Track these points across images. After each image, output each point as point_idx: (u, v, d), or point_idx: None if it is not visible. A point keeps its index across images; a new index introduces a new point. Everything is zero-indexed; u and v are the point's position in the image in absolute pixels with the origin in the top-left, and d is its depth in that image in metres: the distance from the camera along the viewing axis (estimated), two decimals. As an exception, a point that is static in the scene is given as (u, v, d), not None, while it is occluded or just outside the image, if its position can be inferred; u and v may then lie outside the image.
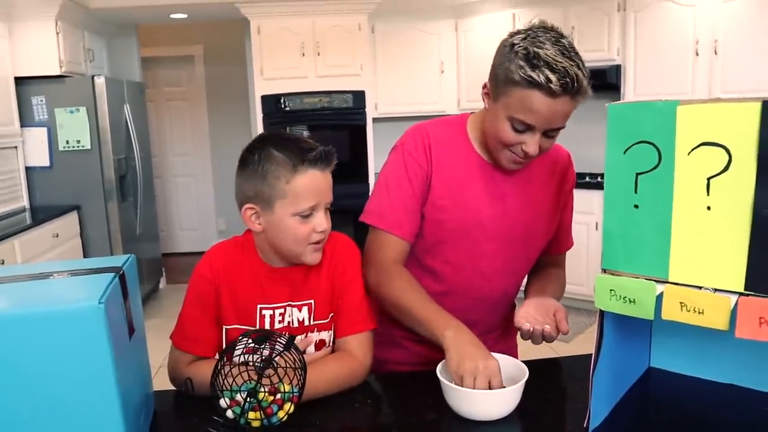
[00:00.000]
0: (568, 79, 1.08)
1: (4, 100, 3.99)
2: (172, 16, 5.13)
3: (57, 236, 3.93)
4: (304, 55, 4.72)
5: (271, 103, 4.79)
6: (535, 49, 1.09)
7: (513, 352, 1.44)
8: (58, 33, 4.19)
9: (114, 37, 5.29)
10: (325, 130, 4.75)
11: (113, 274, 0.94)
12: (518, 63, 1.10)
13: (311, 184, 1.11)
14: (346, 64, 4.75)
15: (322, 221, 1.13)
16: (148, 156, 5.09)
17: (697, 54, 3.78)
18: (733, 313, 0.79)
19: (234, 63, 6.02)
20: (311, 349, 1.21)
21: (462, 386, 1.03)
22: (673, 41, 3.88)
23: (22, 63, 4.13)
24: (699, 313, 0.79)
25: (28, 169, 4.27)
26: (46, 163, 4.27)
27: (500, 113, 1.16)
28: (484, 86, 1.22)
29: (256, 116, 4.91)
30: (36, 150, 4.25)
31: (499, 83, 1.16)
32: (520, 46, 1.12)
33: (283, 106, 4.78)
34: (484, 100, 1.23)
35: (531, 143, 1.16)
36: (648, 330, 1.21)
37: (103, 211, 4.36)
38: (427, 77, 5.06)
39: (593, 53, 4.23)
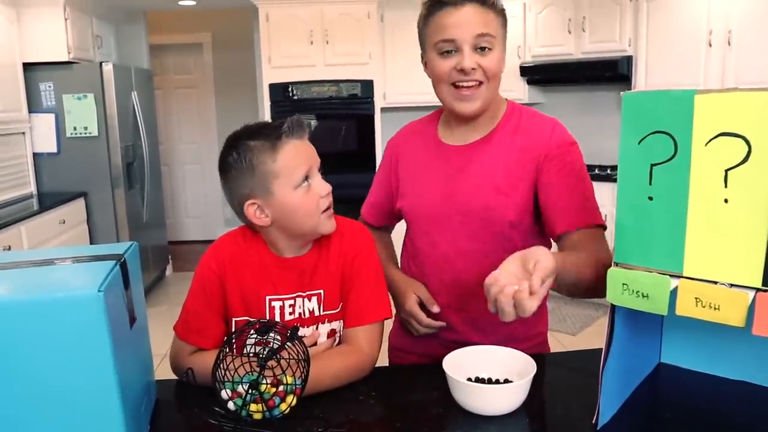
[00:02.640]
0: None
1: (12, 86, 3.99)
2: (181, 3, 5.11)
3: (64, 222, 3.94)
4: (312, 43, 4.69)
5: (278, 91, 4.76)
6: None
7: (542, 339, 1.41)
8: (66, 19, 4.17)
9: (122, 23, 5.28)
10: (332, 119, 4.73)
11: (114, 261, 0.92)
12: (423, 3, 1.24)
13: (296, 153, 1.11)
14: (355, 52, 4.71)
15: (322, 185, 1.14)
16: (155, 143, 5.08)
17: (711, 45, 3.72)
18: (750, 309, 0.77)
19: (242, 51, 5.99)
20: (323, 338, 1.19)
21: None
22: (685, 32, 3.82)
23: (30, 49, 4.12)
24: (715, 309, 0.77)
25: (35, 155, 4.27)
26: (54, 150, 4.27)
27: (430, 54, 1.24)
28: (422, 59, 1.30)
29: (263, 104, 4.89)
30: (43, 136, 4.25)
31: (421, 37, 1.27)
32: None
33: (290, 94, 4.76)
34: (426, 72, 1.29)
35: (463, 58, 1.19)
36: (659, 325, 1.19)
37: (110, 198, 4.36)
38: (436, 67, 5.01)
39: (604, 44, 4.18)
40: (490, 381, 1.08)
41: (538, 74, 4.56)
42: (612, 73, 4.12)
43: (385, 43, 4.93)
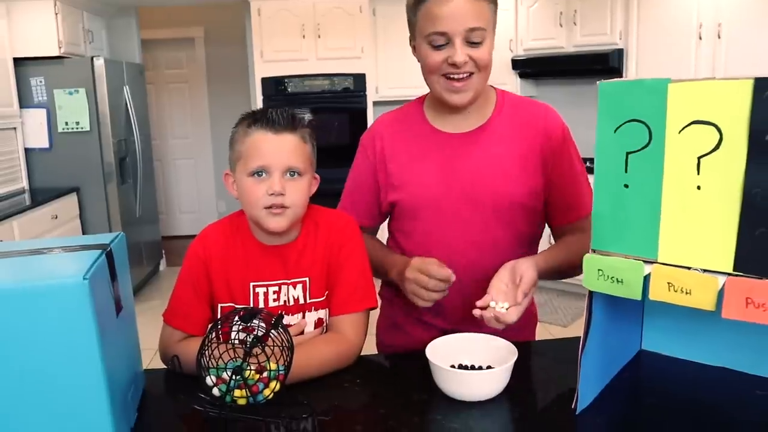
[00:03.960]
0: None
1: (3, 81, 3.98)
2: (172, -4, 5.10)
3: (56, 218, 3.94)
4: (304, 37, 4.69)
5: (271, 85, 4.76)
6: None
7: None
8: (56, 13, 4.16)
9: (114, 18, 5.26)
10: (325, 113, 4.73)
11: (100, 251, 0.93)
12: None
13: (261, 144, 1.12)
14: (347, 46, 4.71)
15: (273, 184, 1.11)
16: (147, 138, 5.08)
17: (701, 38, 3.74)
18: (721, 293, 0.78)
19: (235, 45, 5.98)
20: (310, 327, 1.21)
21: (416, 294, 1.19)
22: (676, 25, 3.84)
23: (21, 44, 4.11)
24: (686, 293, 0.78)
25: (27, 150, 4.27)
26: (46, 145, 4.26)
27: (420, 43, 1.22)
28: (410, 42, 1.28)
29: (256, 99, 4.89)
30: (35, 131, 4.24)
31: (410, 22, 1.24)
32: None
33: (283, 88, 4.76)
34: (415, 55, 1.27)
35: (455, 51, 1.17)
36: (640, 312, 1.21)
37: (103, 193, 4.36)
38: (428, 61, 5.02)
39: (595, 37, 4.20)
40: (472, 368, 1.10)
41: (530, 67, 4.57)
42: (603, 66, 4.14)
43: (377, 37, 4.93)
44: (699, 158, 0.80)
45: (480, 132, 1.29)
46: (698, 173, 0.81)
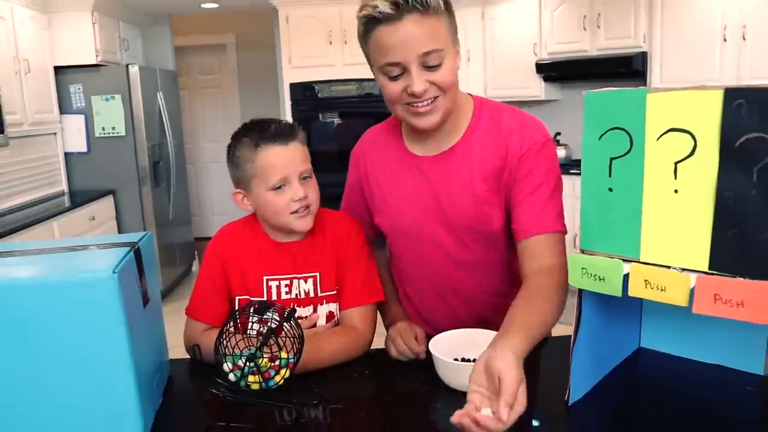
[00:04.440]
0: None
1: (45, 89, 4.17)
2: (204, 5, 5.26)
3: (93, 219, 4.11)
4: (331, 43, 4.80)
5: (299, 90, 4.88)
6: None
7: None
8: (94, 23, 4.35)
9: (148, 26, 5.45)
10: (353, 118, 4.83)
11: (129, 248, 1.03)
12: (357, 17, 1.11)
13: (274, 160, 1.19)
14: (373, 52, 4.79)
15: (296, 191, 1.20)
16: (180, 142, 5.25)
17: (725, 40, 3.72)
18: (693, 290, 0.84)
19: (265, 51, 6.13)
20: (321, 321, 1.29)
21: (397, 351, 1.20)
22: (700, 27, 3.83)
23: (61, 53, 4.31)
24: (662, 290, 0.84)
25: (66, 154, 4.47)
26: (84, 149, 4.45)
27: (377, 74, 1.14)
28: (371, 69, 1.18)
29: (284, 103, 5.02)
30: (74, 136, 4.43)
31: (364, 53, 1.15)
32: (361, 3, 1.11)
33: (310, 93, 4.87)
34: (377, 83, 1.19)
35: (412, 81, 1.09)
36: (638, 311, 1.26)
37: (137, 196, 4.53)
38: (453, 65, 5.08)
39: (619, 40, 4.20)
40: (472, 361, 1.16)
41: (554, 71, 4.59)
42: (627, 69, 4.13)
43: (402, 42, 5.00)
44: (676, 164, 0.86)
45: (450, 154, 1.23)
46: (675, 178, 0.86)
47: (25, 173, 4.04)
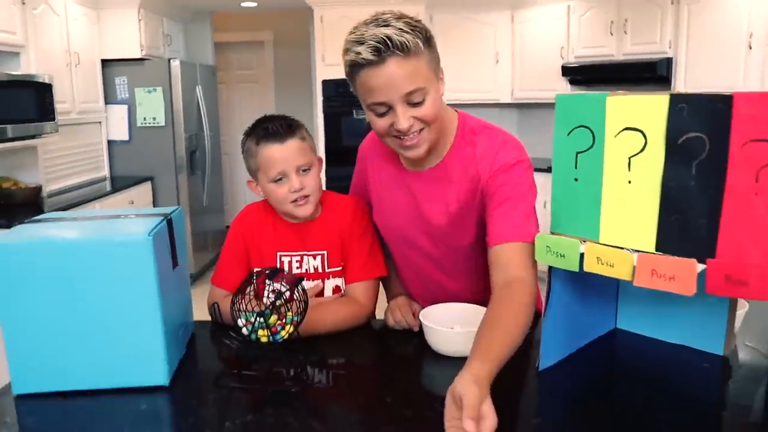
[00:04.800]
0: (375, 44, 1.10)
1: (92, 80, 4.44)
2: (243, 4, 5.48)
3: (132, 203, 4.36)
4: (363, 42, 4.95)
5: (331, 87, 5.06)
6: (347, 37, 1.16)
7: None
8: (140, 20, 4.60)
9: (190, 23, 5.70)
10: (381, 115, 4.97)
11: (162, 218, 1.20)
12: (343, 59, 1.18)
13: (272, 156, 1.34)
14: (404, 52, 4.93)
15: (293, 183, 1.34)
16: (216, 134, 5.48)
17: (750, 47, 3.76)
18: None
19: (300, 49, 6.34)
20: (328, 293, 1.45)
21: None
22: (725, 34, 3.87)
23: (108, 47, 4.58)
24: (610, 266, 0.97)
25: (109, 142, 4.74)
26: (126, 138, 4.71)
27: (365, 110, 1.22)
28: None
29: (317, 99, 5.20)
30: (117, 125, 4.70)
31: (350, 86, 1.22)
32: (344, 43, 1.17)
33: (342, 90, 5.04)
34: None
35: (397, 119, 1.16)
36: (614, 294, 1.38)
37: (174, 183, 4.77)
38: (482, 67, 5.20)
39: (645, 45, 4.26)
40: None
41: (580, 74, 4.67)
42: (651, 74, 4.20)
43: (433, 43, 5.13)
44: (630, 158, 0.99)
45: (432, 173, 1.32)
46: (629, 170, 0.99)
47: (72, 158, 4.31)
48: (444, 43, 5.18)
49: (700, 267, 0.90)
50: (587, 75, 4.64)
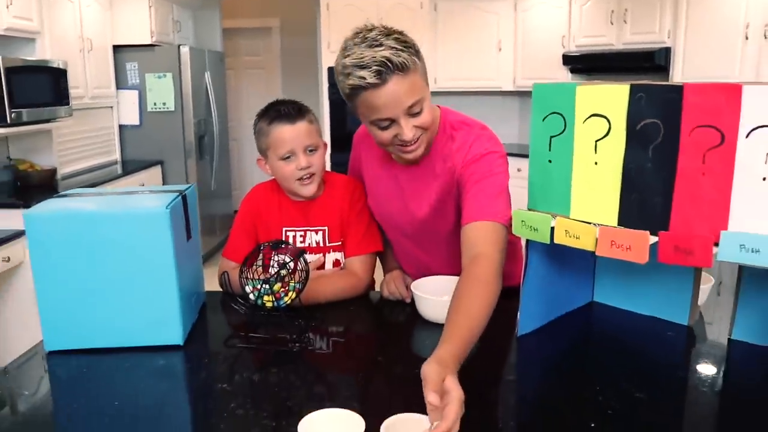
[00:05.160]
0: (377, 67, 1.17)
1: (104, 66, 4.56)
2: (251, -9, 5.57)
3: (143, 186, 4.49)
4: (368, 30, 5.04)
5: (336, 74, 5.16)
6: (344, 60, 1.21)
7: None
8: (150, 6, 4.71)
9: (199, 9, 5.80)
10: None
11: (177, 193, 1.33)
12: (340, 80, 1.24)
13: (282, 135, 1.45)
14: (408, 40, 5.03)
15: (300, 161, 1.46)
16: (224, 119, 5.60)
17: (747, 38, 3.84)
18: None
19: (307, 36, 6.43)
20: (329, 265, 1.57)
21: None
22: (723, 24, 3.95)
23: (120, 33, 4.69)
24: (576, 238, 1.09)
25: (120, 126, 4.87)
26: (136, 122, 4.84)
27: (366, 123, 1.30)
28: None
29: (322, 86, 5.31)
30: (128, 110, 4.83)
31: (349, 104, 1.29)
32: (338, 64, 1.24)
33: (347, 77, 5.14)
34: None
35: (402, 131, 1.25)
36: (591, 269, 1.50)
37: (183, 167, 4.90)
38: (485, 54, 5.29)
39: (644, 35, 4.34)
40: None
41: (580, 63, 4.75)
42: (650, 63, 4.28)
43: (437, 31, 5.24)
44: (596, 141, 1.10)
45: (417, 168, 1.42)
46: (596, 152, 1.11)
47: (84, 142, 4.44)
48: (447, 31, 5.31)
49: (654, 239, 1.02)
50: (587, 64, 4.72)
